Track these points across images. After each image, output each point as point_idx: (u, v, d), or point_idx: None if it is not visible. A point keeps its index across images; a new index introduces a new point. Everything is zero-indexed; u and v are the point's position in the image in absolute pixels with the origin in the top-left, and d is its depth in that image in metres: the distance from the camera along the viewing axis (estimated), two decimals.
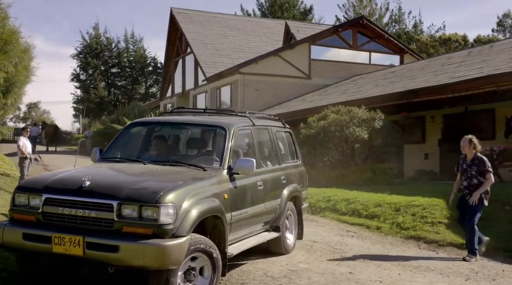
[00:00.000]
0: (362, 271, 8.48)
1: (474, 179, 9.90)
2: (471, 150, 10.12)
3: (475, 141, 10.15)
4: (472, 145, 10.10)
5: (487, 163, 9.92)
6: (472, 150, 10.11)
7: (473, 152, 10.10)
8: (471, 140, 10.18)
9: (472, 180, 9.93)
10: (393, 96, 20.11)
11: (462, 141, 10.25)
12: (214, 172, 7.40)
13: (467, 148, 10.17)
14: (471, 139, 10.20)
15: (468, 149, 10.17)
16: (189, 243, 6.28)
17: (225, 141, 7.80)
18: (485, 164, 9.89)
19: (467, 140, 10.20)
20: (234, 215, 7.48)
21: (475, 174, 9.91)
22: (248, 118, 8.85)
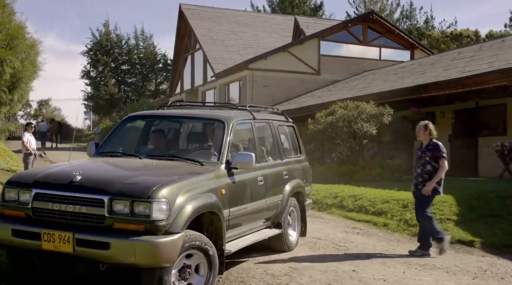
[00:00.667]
0: (366, 269, 8.21)
1: (428, 165, 9.43)
2: (426, 136, 9.65)
3: (431, 127, 9.67)
4: (428, 131, 9.62)
5: (441, 148, 9.47)
6: (427, 136, 9.63)
7: (429, 138, 9.63)
8: (427, 125, 9.70)
9: (425, 166, 9.47)
10: (402, 91, 19.82)
11: (417, 127, 9.86)
12: (211, 166, 7.15)
13: (422, 134, 9.70)
14: (427, 124, 9.72)
15: (423, 135, 9.69)
16: (183, 240, 6.04)
17: (224, 135, 7.55)
18: (439, 149, 9.45)
19: (422, 125, 9.73)
20: (233, 211, 7.24)
21: (429, 160, 9.44)
22: (249, 111, 8.59)
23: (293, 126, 10.01)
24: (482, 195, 12.71)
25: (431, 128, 9.65)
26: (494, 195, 12.55)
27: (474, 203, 12.24)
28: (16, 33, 23.06)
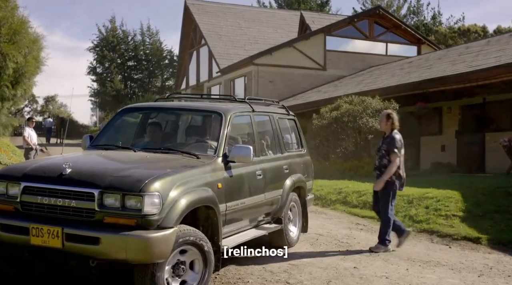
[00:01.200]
0: (368, 266, 7.98)
1: (384, 159, 9.00)
2: (388, 126, 9.10)
3: (393, 116, 9.11)
4: (390, 121, 9.07)
5: (396, 142, 8.90)
6: (389, 127, 9.08)
7: (390, 129, 9.08)
8: (389, 115, 9.15)
9: (382, 160, 9.04)
10: (408, 86, 19.61)
11: (379, 117, 9.45)
12: (208, 160, 6.92)
13: (384, 124, 9.17)
14: (389, 114, 9.17)
15: (385, 125, 9.15)
16: (176, 235, 5.82)
17: (221, 127, 7.30)
18: (394, 142, 8.89)
19: (385, 115, 9.21)
20: (230, 206, 7.00)
21: (385, 154, 8.99)
22: (248, 103, 8.34)
23: (294, 120, 9.76)
24: (489, 191, 12.43)
25: (393, 118, 9.10)
26: (501, 191, 12.25)
27: (481, 199, 11.95)
28: (19, 28, 22.84)
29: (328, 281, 7.13)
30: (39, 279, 6.80)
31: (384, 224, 9.04)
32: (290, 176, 8.91)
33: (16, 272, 6.76)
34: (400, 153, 8.89)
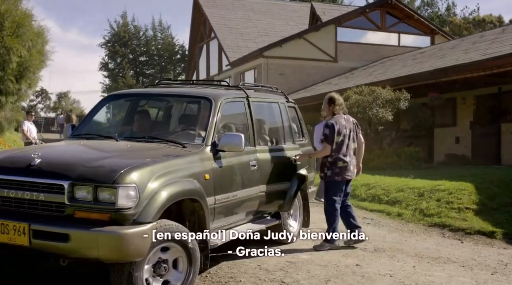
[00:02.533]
0: (371, 263, 7.37)
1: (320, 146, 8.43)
2: (330, 111, 8.34)
3: (337, 100, 8.31)
4: (332, 107, 8.31)
5: (327, 128, 8.12)
6: (331, 112, 8.33)
7: (331, 114, 8.32)
8: (331, 98, 8.35)
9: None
10: (420, 76, 19.02)
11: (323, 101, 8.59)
12: (194, 149, 6.36)
13: (326, 109, 8.43)
14: (331, 97, 8.37)
15: (327, 110, 8.40)
16: (155, 231, 5.28)
17: (210, 114, 6.71)
18: (325, 127, 8.17)
19: (327, 99, 8.41)
20: (219, 199, 6.43)
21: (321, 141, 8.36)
22: (242, 89, 7.76)
23: (295, 107, 9.14)
24: (504, 182, 11.82)
25: (337, 101, 8.33)
26: None
27: (496, 191, 11.38)
28: (23, 21, 22.42)
29: (327, 280, 6.54)
30: (39, 279, 6.40)
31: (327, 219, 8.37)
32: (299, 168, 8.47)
33: (16, 272, 6.36)
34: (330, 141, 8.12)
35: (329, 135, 8.12)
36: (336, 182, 8.20)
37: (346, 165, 8.21)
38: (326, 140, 8.15)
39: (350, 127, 8.32)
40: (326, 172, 8.23)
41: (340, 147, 8.17)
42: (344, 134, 8.20)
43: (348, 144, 8.26)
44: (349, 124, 8.34)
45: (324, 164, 8.26)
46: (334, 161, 8.17)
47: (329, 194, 8.27)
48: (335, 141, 8.13)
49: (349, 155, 8.26)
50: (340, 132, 8.16)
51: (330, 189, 8.26)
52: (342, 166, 8.18)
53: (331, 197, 8.23)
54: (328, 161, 8.20)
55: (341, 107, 8.38)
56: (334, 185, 8.21)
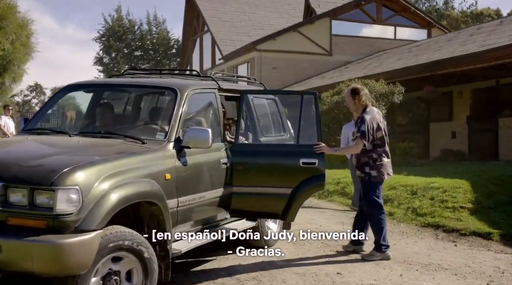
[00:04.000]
0: (354, 271, 6.69)
1: None
2: (356, 105, 7.42)
3: (361, 90, 7.43)
4: (357, 98, 7.38)
5: (363, 124, 7.16)
6: (359, 105, 7.41)
7: (361, 108, 7.40)
8: (354, 89, 7.48)
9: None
10: (416, 68, 18.36)
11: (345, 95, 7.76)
12: (155, 145, 5.69)
13: (351, 103, 7.49)
14: (354, 88, 7.52)
15: (352, 105, 7.47)
16: (102, 240, 4.62)
17: (174, 107, 6.03)
18: (362, 123, 7.19)
19: (349, 91, 7.51)
20: (183, 201, 5.76)
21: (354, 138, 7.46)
22: (213, 80, 7.07)
23: (275, 100, 8.44)
24: (501, 180, 11.19)
25: (362, 93, 7.40)
26: None
27: (492, 189, 10.74)
28: (6, 13, 21.86)
29: None
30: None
31: (373, 226, 7.58)
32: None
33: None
34: (367, 138, 7.21)
35: (367, 132, 7.17)
36: (379, 183, 7.44)
37: (389, 161, 7.49)
38: (364, 137, 7.16)
39: (383, 120, 7.57)
40: (369, 172, 7.35)
41: (382, 142, 7.39)
42: (383, 128, 7.42)
43: (387, 140, 7.51)
44: (381, 117, 7.59)
45: (366, 163, 7.35)
46: (379, 158, 7.34)
47: (372, 196, 7.41)
48: (377, 137, 7.31)
49: (388, 151, 7.53)
50: (379, 127, 7.35)
51: (373, 190, 7.41)
52: (387, 163, 7.41)
53: (375, 200, 7.40)
54: (372, 158, 7.32)
55: (367, 97, 7.50)
56: (378, 186, 7.43)
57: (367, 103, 7.44)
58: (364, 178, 7.48)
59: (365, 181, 7.48)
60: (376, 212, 7.43)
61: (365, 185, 7.52)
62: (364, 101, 7.41)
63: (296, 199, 6.76)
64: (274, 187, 6.74)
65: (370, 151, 7.34)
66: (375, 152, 7.35)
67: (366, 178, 7.43)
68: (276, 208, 6.81)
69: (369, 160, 7.37)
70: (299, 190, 6.74)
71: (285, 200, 6.73)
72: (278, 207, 6.78)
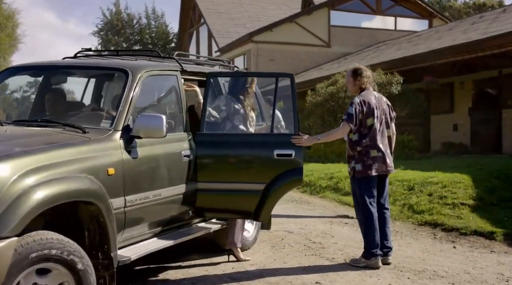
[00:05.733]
0: (336, 280, 5.78)
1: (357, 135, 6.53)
2: (357, 86, 6.62)
3: (364, 71, 6.62)
4: (358, 79, 6.58)
5: (351, 106, 6.35)
6: (358, 87, 6.61)
7: (359, 91, 6.60)
8: (356, 69, 6.65)
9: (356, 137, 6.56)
10: (415, 58, 17.52)
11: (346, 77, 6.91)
12: (98, 134, 4.83)
13: (351, 84, 6.69)
14: (357, 68, 6.68)
15: (352, 86, 6.69)
16: (20, 249, 3.79)
17: (124, 90, 5.18)
18: (350, 105, 6.38)
19: (351, 71, 6.70)
20: (132, 200, 4.91)
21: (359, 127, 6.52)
22: (176, 61, 6.23)
23: None
24: (505, 174, 10.36)
25: (362, 74, 6.59)
26: None
27: (496, 184, 9.93)
28: None
29: None
30: None
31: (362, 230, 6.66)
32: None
33: None
34: (354, 122, 6.35)
35: (354, 114, 6.33)
36: (368, 178, 6.47)
37: (381, 155, 6.45)
38: (349, 120, 6.32)
39: (383, 108, 6.58)
40: (354, 166, 6.49)
41: (371, 132, 6.43)
42: (376, 115, 6.43)
43: (382, 130, 6.52)
44: (382, 104, 6.60)
45: (351, 156, 6.53)
46: (365, 150, 6.43)
47: (360, 195, 6.52)
48: (365, 125, 6.39)
49: (383, 143, 6.53)
50: (372, 113, 6.40)
51: (361, 187, 6.51)
52: (376, 156, 6.42)
53: (364, 198, 6.47)
54: (357, 151, 6.46)
55: (369, 80, 6.66)
56: (366, 182, 6.48)
57: (367, 85, 6.62)
58: (349, 173, 6.66)
59: (350, 176, 6.66)
60: (363, 213, 6.55)
61: (351, 181, 6.71)
62: (365, 83, 6.60)
63: (270, 196, 5.98)
64: (245, 182, 5.97)
65: (355, 142, 6.48)
66: (360, 143, 6.47)
67: (352, 173, 6.58)
68: (247, 206, 6.03)
69: (354, 152, 6.51)
70: (273, 186, 5.97)
71: (257, 197, 5.95)
72: (250, 205, 6.00)
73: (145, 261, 5.73)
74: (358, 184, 6.50)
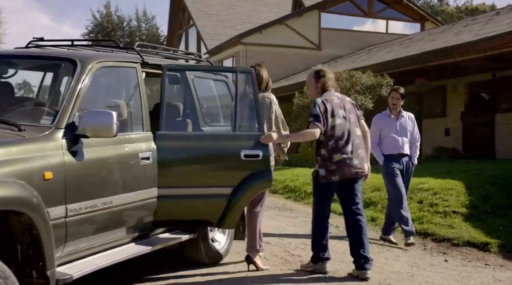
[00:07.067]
0: None
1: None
2: (318, 89, 6.20)
3: (326, 73, 6.21)
4: (321, 82, 6.16)
5: (314, 106, 5.95)
6: (319, 90, 6.20)
7: (320, 93, 6.18)
8: (319, 71, 6.23)
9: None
10: (406, 60, 17.03)
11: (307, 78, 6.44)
12: (35, 133, 4.18)
13: (312, 87, 6.29)
14: (319, 69, 6.26)
15: (313, 89, 6.28)
16: None
17: (71, 83, 4.56)
18: (313, 106, 6.00)
19: (312, 72, 6.29)
20: (76, 209, 4.25)
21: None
22: (137, 52, 5.59)
23: (226, 81, 6.92)
24: (500, 180, 9.83)
25: (325, 75, 6.19)
26: None
27: (490, 191, 9.42)
28: None
29: None
30: None
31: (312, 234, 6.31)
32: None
33: None
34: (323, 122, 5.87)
35: (319, 114, 5.87)
36: (330, 184, 6.03)
37: (346, 157, 5.96)
38: (316, 120, 5.85)
39: (348, 108, 6.10)
40: (318, 170, 6.05)
41: (337, 133, 5.95)
42: (341, 115, 5.96)
43: (349, 130, 6.00)
44: (346, 104, 6.13)
45: (316, 160, 6.13)
46: (329, 155, 5.96)
47: (317, 200, 6.19)
48: (329, 125, 5.91)
49: (352, 143, 6.03)
50: (334, 113, 5.93)
51: (318, 190, 6.16)
52: (340, 160, 5.95)
53: (319, 204, 6.15)
54: (321, 155, 6.01)
55: (331, 82, 6.23)
56: (324, 188, 6.07)
57: (329, 88, 6.19)
58: (312, 174, 6.24)
59: (313, 179, 6.23)
60: (315, 218, 6.23)
61: (313, 183, 6.29)
62: (327, 85, 6.18)
63: (237, 201, 5.51)
64: (211, 187, 5.44)
65: (322, 144, 6.01)
66: (326, 145, 5.98)
67: (314, 175, 6.15)
68: (213, 213, 5.50)
69: (318, 156, 6.05)
70: (241, 189, 5.49)
71: (224, 203, 5.46)
72: (216, 211, 5.47)
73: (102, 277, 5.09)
74: (319, 188, 6.12)
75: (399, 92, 7.95)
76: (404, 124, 7.93)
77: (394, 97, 7.95)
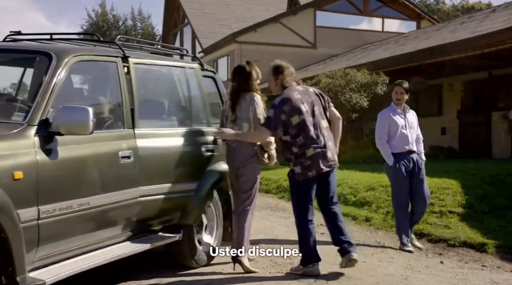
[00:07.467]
0: None
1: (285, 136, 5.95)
2: (279, 86, 6.01)
3: (285, 68, 6.01)
4: (280, 78, 5.98)
5: (271, 109, 5.83)
6: (279, 87, 6.01)
7: (281, 89, 5.99)
8: (277, 67, 6.05)
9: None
10: (402, 58, 17.00)
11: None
12: (5, 130, 3.95)
13: (272, 84, 6.07)
14: (277, 65, 6.07)
15: (273, 85, 6.07)
16: None
17: (45, 77, 4.32)
18: (270, 108, 5.87)
19: (271, 69, 6.10)
20: (49, 211, 4.02)
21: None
22: (118, 46, 5.36)
23: (214, 77, 6.68)
24: (497, 179, 9.71)
25: (284, 71, 6.00)
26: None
27: (487, 190, 9.29)
28: None
29: None
30: None
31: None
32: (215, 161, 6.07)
33: None
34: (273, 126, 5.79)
35: (272, 117, 5.76)
36: (307, 180, 5.85)
37: (319, 151, 5.79)
38: (268, 125, 5.78)
39: (311, 101, 5.91)
40: (293, 169, 5.88)
41: (303, 129, 5.78)
42: (304, 110, 5.78)
43: (317, 123, 5.83)
44: (309, 97, 5.94)
45: (289, 160, 5.92)
46: (301, 151, 5.79)
47: (296, 199, 6.00)
48: (291, 124, 5.75)
49: (322, 136, 5.87)
50: (296, 110, 5.77)
51: (296, 190, 5.98)
52: (313, 155, 5.78)
53: (299, 204, 5.96)
54: (293, 153, 5.82)
55: (292, 77, 6.03)
56: (305, 184, 5.87)
57: (291, 83, 6.01)
58: (288, 175, 6.05)
59: (289, 179, 6.05)
60: (296, 217, 6.04)
61: (289, 183, 6.10)
62: (287, 81, 5.99)
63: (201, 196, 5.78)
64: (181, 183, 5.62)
65: (290, 144, 5.85)
66: (295, 143, 5.83)
67: (289, 175, 5.99)
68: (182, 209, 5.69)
69: (291, 155, 5.89)
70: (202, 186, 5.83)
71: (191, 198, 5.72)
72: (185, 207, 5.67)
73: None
74: (297, 187, 5.93)
75: (402, 87, 7.64)
76: (411, 119, 7.69)
77: (398, 92, 7.66)
